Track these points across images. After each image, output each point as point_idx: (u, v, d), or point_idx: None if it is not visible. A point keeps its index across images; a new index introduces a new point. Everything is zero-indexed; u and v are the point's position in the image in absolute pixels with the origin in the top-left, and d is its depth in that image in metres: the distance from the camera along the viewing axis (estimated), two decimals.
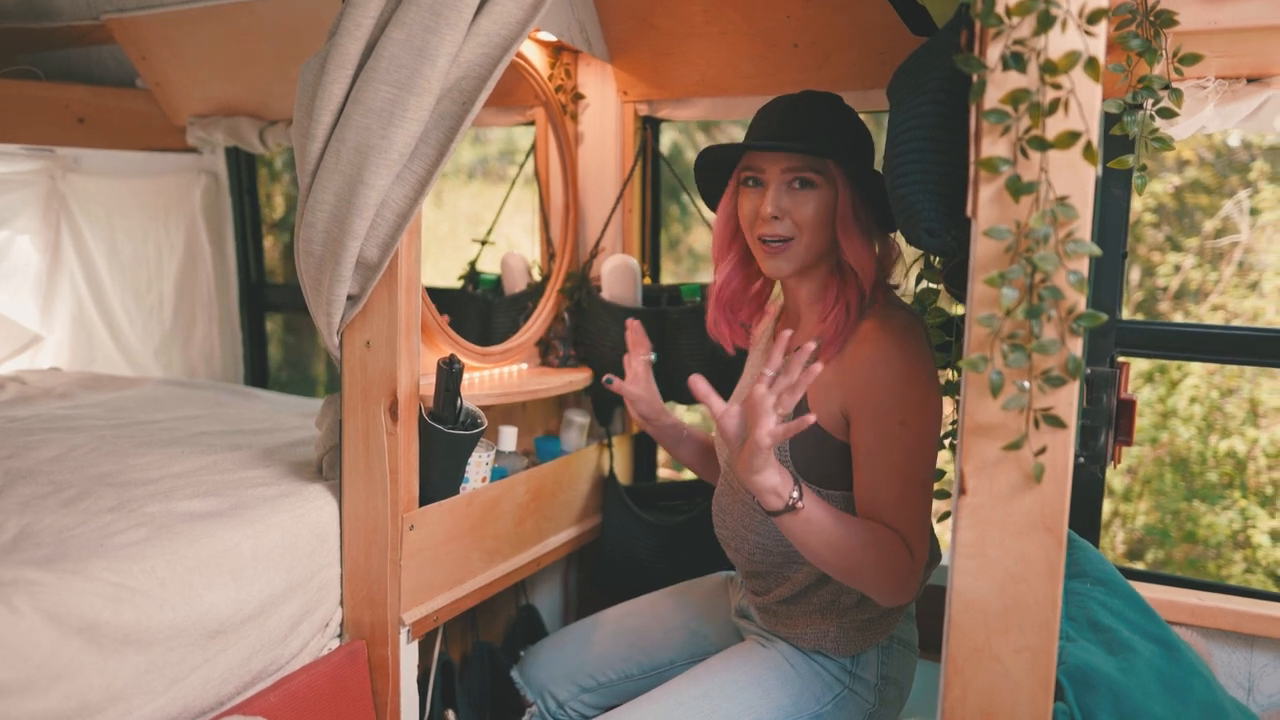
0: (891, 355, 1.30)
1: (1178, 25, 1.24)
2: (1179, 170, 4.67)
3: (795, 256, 1.38)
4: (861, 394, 1.31)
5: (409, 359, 1.41)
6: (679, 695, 1.41)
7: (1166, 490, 4.21)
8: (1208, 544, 4.13)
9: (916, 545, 1.30)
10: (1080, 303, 1.00)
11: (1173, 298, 4.76)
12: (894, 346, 1.30)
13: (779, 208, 1.36)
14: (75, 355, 2.87)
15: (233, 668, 1.26)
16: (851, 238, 1.35)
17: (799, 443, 1.37)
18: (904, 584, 1.28)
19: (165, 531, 1.26)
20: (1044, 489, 1.02)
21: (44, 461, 1.64)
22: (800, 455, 1.37)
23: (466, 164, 4.54)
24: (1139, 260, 4.84)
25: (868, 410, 1.30)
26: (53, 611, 1.05)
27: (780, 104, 1.41)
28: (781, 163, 1.36)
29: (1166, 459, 4.27)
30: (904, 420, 1.29)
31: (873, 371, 1.30)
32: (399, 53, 1.22)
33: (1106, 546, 4.39)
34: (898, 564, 1.26)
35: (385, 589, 1.43)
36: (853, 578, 1.28)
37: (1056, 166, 0.98)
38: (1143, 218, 4.72)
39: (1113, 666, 1.16)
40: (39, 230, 2.78)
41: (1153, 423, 4.25)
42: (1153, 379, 4.28)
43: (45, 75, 2.49)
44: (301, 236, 1.35)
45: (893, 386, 1.29)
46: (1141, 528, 4.32)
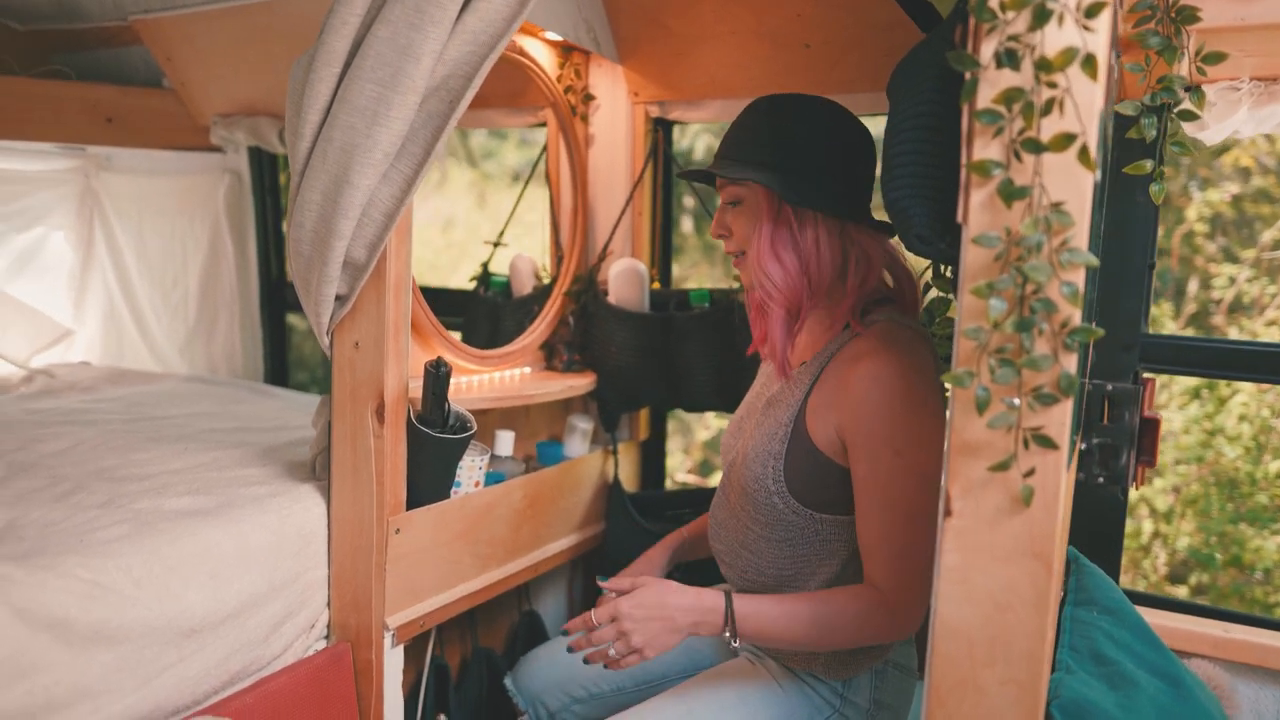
0: (884, 375, 1.23)
1: (1200, 22, 1.17)
2: (1243, 179, 4.49)
3: (749, 269, 1.37)
4: (853, 416, 1.25)
5: (397, 361, 1.39)
6: (663, 711, 1.37)
7: (1212, 512, 4.04)
8: (1254, 570, 3.95)
9: (903, 586, 1.23)
10: (1075, 316, 0.94)
11: (1226, 311, 4.58)
12: (888, 366, 1.24)
13: (722, 225, 1.40)
14: (105, 350, 2.93)
15: (209, 668, 1.25)
16: (764, 256, 1.32)
17: (794, 467, 1.32)
18: (889, 631, 1.25)
19: (147, 529, 1.26)
20: (1033, 513, 0.97)
21: (48, 455, 1.66)
22: (796, 480, 1.32)
23: (513, 165, 4.55)
24: (1197, 271, 4.66)
25: (860, 434, 1.25)
26: (21, 607, 1.05)
27: (738, 118, 1.41)
28: (718, 182, 1.40)
29: (1211, 479, 4.10)
30: (898, 449, 1.22)
31: (865, 393, 1.24)
32: (384, 50, 1.21)
33: (1148, 569, 4.23)
34: (871, 621, 1.23)
35: (370, 592, 1.42)
36: (842, 647, 1.28)
37: (1051, 170, 0.92)
38: (1194, 228, 4.55)
39: (1112, 702, 1.10)
40: (73, 226, 2.84)
41: (1199, 440, 4.09)
42: (1200, 395, 4.11)
43: (76, 75, 2.55)
44: (291, 236, 1.34)
45: (885, 410, 1.23)
46: (1185, 550, 4.15)
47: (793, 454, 1.32)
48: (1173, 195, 4.74)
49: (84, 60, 2.62)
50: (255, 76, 2.34)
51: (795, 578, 1.35)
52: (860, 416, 1.25)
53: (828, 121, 1.33)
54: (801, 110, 1.34)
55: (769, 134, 1.33)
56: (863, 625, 1.23)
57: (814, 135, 1.32)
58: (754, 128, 1.36)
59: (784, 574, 1.35)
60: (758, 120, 1.36)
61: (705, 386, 1.91)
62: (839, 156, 1.32)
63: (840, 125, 1.34)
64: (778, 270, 1.32)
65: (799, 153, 1.32)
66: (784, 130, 1.33)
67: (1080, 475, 1.69)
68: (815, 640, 1.25)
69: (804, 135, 1.32)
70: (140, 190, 2.77)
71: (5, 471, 1.54)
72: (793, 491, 1.32)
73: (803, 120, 1.33)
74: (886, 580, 1.23)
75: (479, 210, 5.08)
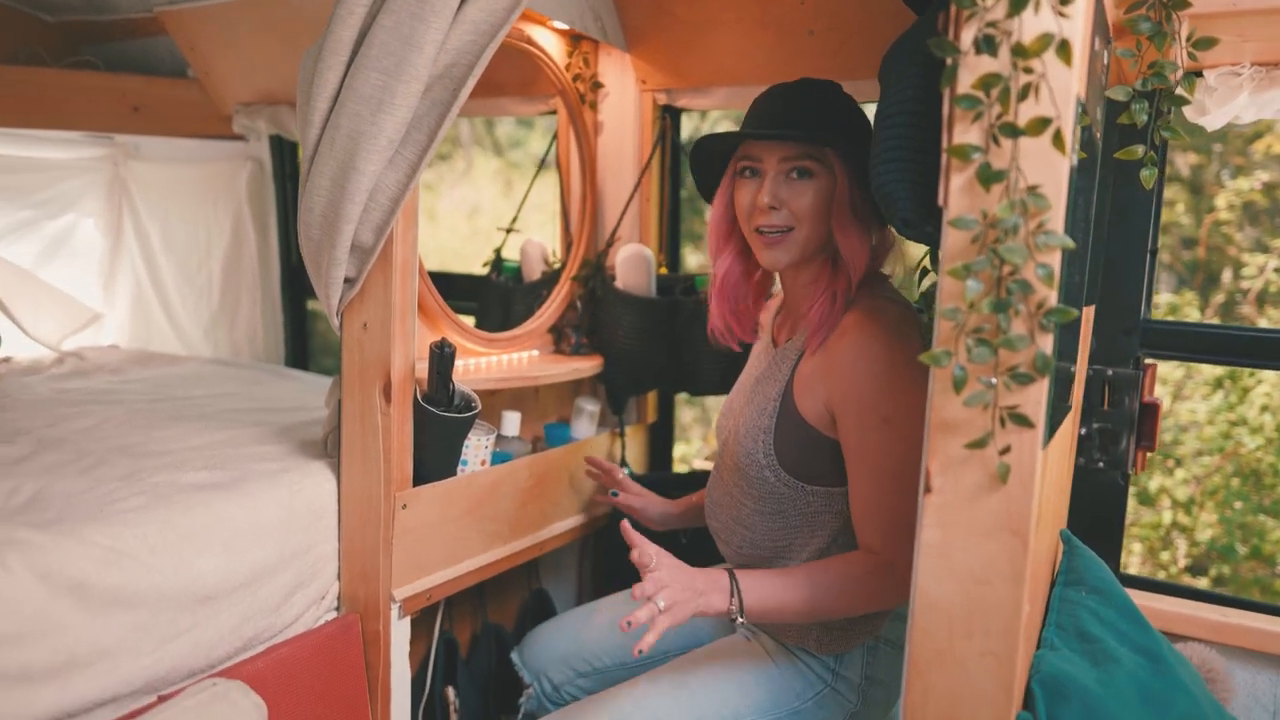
0: (873, 347, 1.26)
1: (1191, 7, 1.18)
2: (1277, 166, 4.42)
3: (794, 247, 1.36)
4: (843, 388, 1.28)
5: (403, 341, 1.43)
6: (658, 685, 1.41)
7: (1234, 503, 4.00)
8: (1275, 561, 3.91)
9: (900, 551, 1.26)
10: (1051, 297, 0.96)
11: (1254, 301, 4.51)
12: (877, 339, 1.26)
13: (776, 197, 1.34)
14: (134, 333, 3.01)
15: (223, 633, 1.31)
16: (847, 228, 1.32)
17: (784, 440, 1.35)
18: (892, 590, 1.26)
19: (163, 501, 1.32)
20: (1010, 490, 0.99)
21: (76, 431, 1.73)
22: (787, 452, 1.35)
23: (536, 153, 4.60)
24: (1230, 261, 4.59)
25: (850, 406, 1.28)
26: (44, 571, 1.11)
27: (777, 92, 1.39)
28: (778, 151, 1.34)
29: (1229, 469, 4.06)
30: (887, 417, 1.25)
31: (853, 364, 1.27)
32: (388, 40, 1.25)
33: (1168, 561, 4.19)
34: (870, 581, 1.26)
35: (378, 565, 1.47)
36: (845, 613, 1.29)
37: (1028, 154, 0.94)
38: (1225, 216, 4.49)
39: (1091, 678, 1.12)
40: (102, 213, 2.92)
41: (1222, 431, 4.05)
42: (1222, 385, 4.06)
43: (104, 66, 2.62)
44: (301, 220, 1.39)
45: (874, 381, 1.25)
46: (1206, 542, 4.11)
47: (782, 428, 1.35)
48: (1205, 184, 4.68)
49: (112, 51, 2.69)
50: (275, 66, 2.40)
51: (788, 549, 1.38)
52: (848, 388, 1.27)
53: (841, 97, 1.39)
54: (847, 96, 1.39)
55: (839, 112, 1.36)
56: (862, 586, 1.25)
57: (862, 120, 1.37)
58: (819, 103, 1.36)
59: (778, 545, 1.39)
60: (821, 96, 1.37)
61: (709, 370, 1.94)
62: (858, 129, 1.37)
63: (849, 101, 1.39)
64: (860, 242, 1.31)
65: (862, 133, 1.35)
66: (851, 109, 1.37)
67: (1080, 460, 1.71)
68: (818, 607, 1.25)
69: (860, 118, 1.37)
70: (166, 177, 2.85)
71: (35, 447, 1.61)
72: (783, 464, 1.35)
73: (854, 103, 1.39)
74: (883, 543, 1.26)
75: (505, 198, 5.14)
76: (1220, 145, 4.62)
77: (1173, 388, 4.33)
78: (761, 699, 1.37)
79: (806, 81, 1.38)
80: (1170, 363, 4.34)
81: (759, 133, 1.36)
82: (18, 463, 1.51)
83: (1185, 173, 4.74)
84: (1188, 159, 4.69)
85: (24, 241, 2.77)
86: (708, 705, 1.36)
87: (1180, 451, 4.27)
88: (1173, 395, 4.26)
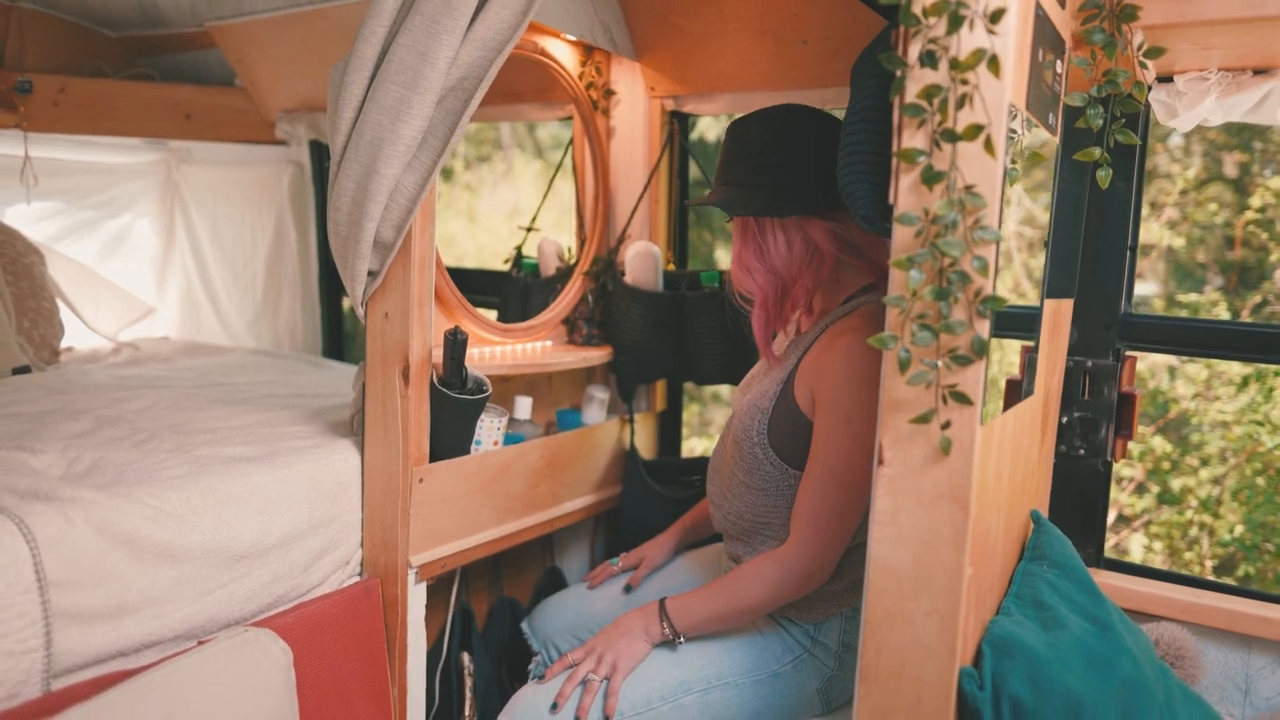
0: (855, 351, 1.36)
1: (1139, 20, 1.26)
2: None
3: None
4: (821, 382, 1.40)
5: (420, 329, 1.57)
6: (654, 653, 1.52)
7: (1259, 502, 3.98)
8: None
9: (809, 541, 1.39)
10: (986, 286, 1.06)
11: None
12: (861, 343, 1.36)
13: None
14: (184, 326, 3.22)
15: (255, 590, 1.46)
16: (735, 271, 1.54)
17: (777, 422, 1.47)
18: (792, 587, 1.42)
19: (205, 470, 1.47)
20: (952, 462, 1.09)
21: (131, 411, 1.90)
22: (776, 434, 1.47)
23: None
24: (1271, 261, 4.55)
25: (821, 399, 1.39)
26: (101, 525, 1.27)
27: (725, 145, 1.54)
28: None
29: (1247, 468, 4.04)
30: (849, 416, 1.36)
31: (834, 363, 1.38)
32: (405, 56, 1.38)
33: (1192, 560, 4.18)
34: (774, 581, 1.41)
35: (396, 534, 1.61)
36: (758, 607, 1.45)
37: (965, 157, 1.05)
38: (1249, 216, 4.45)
39: (1041, 641, 1.21)
40: (156, 214, 3.13)
41: (1248, 431, 4.03)
42: (1247, 385, 4.05)
43: (159, 77, 2.82)
44: (330, 219, 1.54)
45: (846, 381, 1.36)
46: (1233, 541, 4.10)
47: (778, 410, 1.47)
48: (1247, 183, 4.64)
49: (166, 63, 2.89)
50: (315, 76, 2.57)
51: (768, 525, 1.49)
52: (826, 384, 1.39)
53: (768, 127, 1.47)
54: (749, 124, 1.49)
55: (729, 155, 1.50)
56: (767, 585, 1.42)
57: (755, 144, 1.47)
58: (723, 153, 1.52)
59: (758, 521, 1.50)
60: (725, 145, 1.53)
61: (713, 361, 2.06)
62: (778, 157, 1.45)
63: (781, 125, 1.46)
64: (747, 281, 1.50)
65: (748, 165, 1.47)
66: (734, 149, 1.50)
67: (1061, 447, 1.79)
68: (737, 605, 1.44)
69: (750, 147, 1.48)
70: (215, 180, 3.04)
71: (94, 424, 1.78)
72: (772, 444, 1.46)
73: (747, 132, 1.48)
74: (802, 531, 1.39)
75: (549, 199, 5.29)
76: (1261, 143, 4.58)
77: (1200, 387, 4.32)
78: (744, 661, 1.48)
79: (738, 125, 1.50)
80: (1195, 365, 4.33)
81: (697, 202, 1.59)
82: (79, 437, 1.67)
83: (1232, 172, 4.70)
84: (1234, 158, 4.65)
85: (85, 240, 2.99)
86: (694, 665, 1.48)
87: (1206, 451, 4.26)
88: (1196, 394, 4.24)
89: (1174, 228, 4.59)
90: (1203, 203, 4.62)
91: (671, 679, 1.47)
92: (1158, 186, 4.61)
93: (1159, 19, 1.30)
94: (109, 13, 2.72)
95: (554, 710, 1.43)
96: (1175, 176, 4.61)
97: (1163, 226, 4.59)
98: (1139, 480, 4.30)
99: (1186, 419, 4.31)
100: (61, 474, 1.47)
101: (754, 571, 1.44)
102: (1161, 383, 4.43)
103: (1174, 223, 4.61)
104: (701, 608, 1.46)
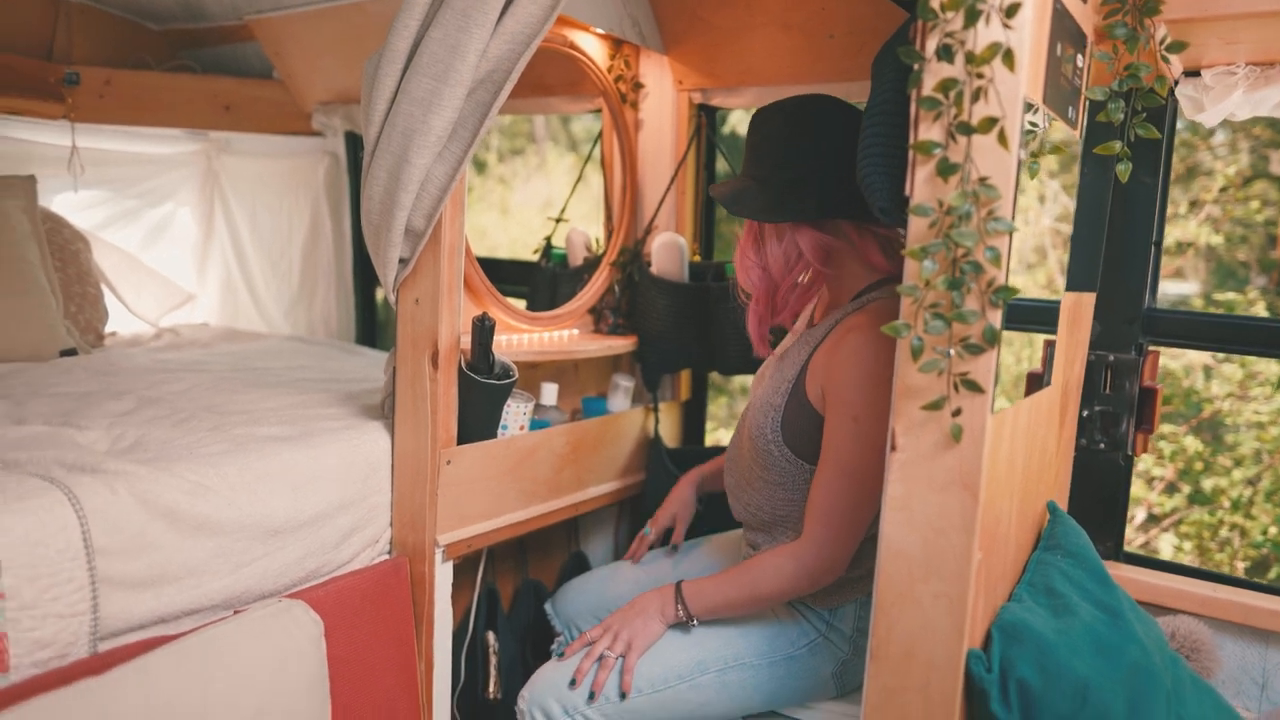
0: (863, 349, 1.38)
1: (1161, 14, 1.27)
2: None
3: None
4: (831, 382, 1.42)
5: (449, 315, 1.62)
6: (672, 634, 1.56)
7: None
8: None
9: (823, 541, 1.41)
10: (999, 276, 1.08)
11: None
12: (869, 342, 1.37)
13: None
14: (222, 313, 3.31)
15: (289, 564, 1.51)
16: (737, 268, 1.58)
17: (790, 418, 1.49)
18: (806, 582, 1.43)
19: (241, 448, 1.53)
20: (963, 449, 1.12)
21: (172, 393, 1.97)
22: (790, 430, 1.49)
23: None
24: None
25: (831, 397, 1.41)
26: (144, 497, 1.33)
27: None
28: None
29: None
30: (857, 416, 1.37)
31: (843, 361, 1.40)
32: (437, 50, 1.42)
33: (1223, 561, 4.14)
34: (788, 574, 1.43)
35: (424, 514, 1.66)
36: (770, 598, 1.47)
37: (980, 150, 1.07)
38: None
39: (1051, 627, 1.23)
40: (196, 203, 3.22)
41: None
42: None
43: (200, 69, 2.90)
44: (364, 207, 1.59)
45: (855, 380, 1.37)
46: (1265, 543, 4.04)
47: (790, 407, 1.49)
48: None
49: (207, 56, 2.97)
50: (350, 68, 2.63)
51: (787, 519, 1.52)
52: (835, 383, 1.41)
53: (781, 123, 1.49)
54: (763, 119, 1.51)
55: (746, 149, 1.54)
56: (783, 570, 1.43)
57: (767, 142, 1.49)
58: (749, 169, 1.55)
59: (777, 514, 1.53)
60: (746, 139, 1.55)
61: (737, 352, 2.08)
62: (781, 160, 1.47)
63: (780, 128, 1.48)
64: (743, 275, 1.55)
65: (758, 163, 1.50)
66: (750, 143, 1.52)
67: (1082, 440, 1.80)
68: (750, 594, 1.46)
69: (759, 146, 1.50)
70: (253, 171, 3.12)
71: (137, 404, 1.85)
72: (786, 440, 1.49)
73: (756, 133, 1.51)
74: (815, 529, 1.41)
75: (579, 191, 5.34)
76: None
77: (1235, 387, 4.26)
78: (760, 644, 1.52)
79: (754, 128, 1.53)
80: (1231, 364, 4.27)
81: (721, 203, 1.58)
82: (123, 416, 1.74)
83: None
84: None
85: (129, 228, 3.08)
86: (711, 646, 1.51)
87: (1240, 452, 4.20)
88: (1229, 394, 4.19)
89: (1213, 224, 4.52)
90: (1245, 200, 4.55)
91: (689, 659, 1.50)
92: (1200, 184, 4.54)
93: (1182, 13, 1.31)
94: (153, 6, 2.80)
95: (572, 686, 1.47)
96: (1216, 173, 4.54)
97: (1200, 224, 4.52)
98: (1169, 480, 4.25)
99: (1221, 419, 4.25)
100: (107, 449, 1.54)
101: (769, 564, 1.46)
102: (1196, 382, 4.37)
103: (1214, 220, 4.54)
104: (716, 594, 1.49)
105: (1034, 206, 1.43)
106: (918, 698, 1.17)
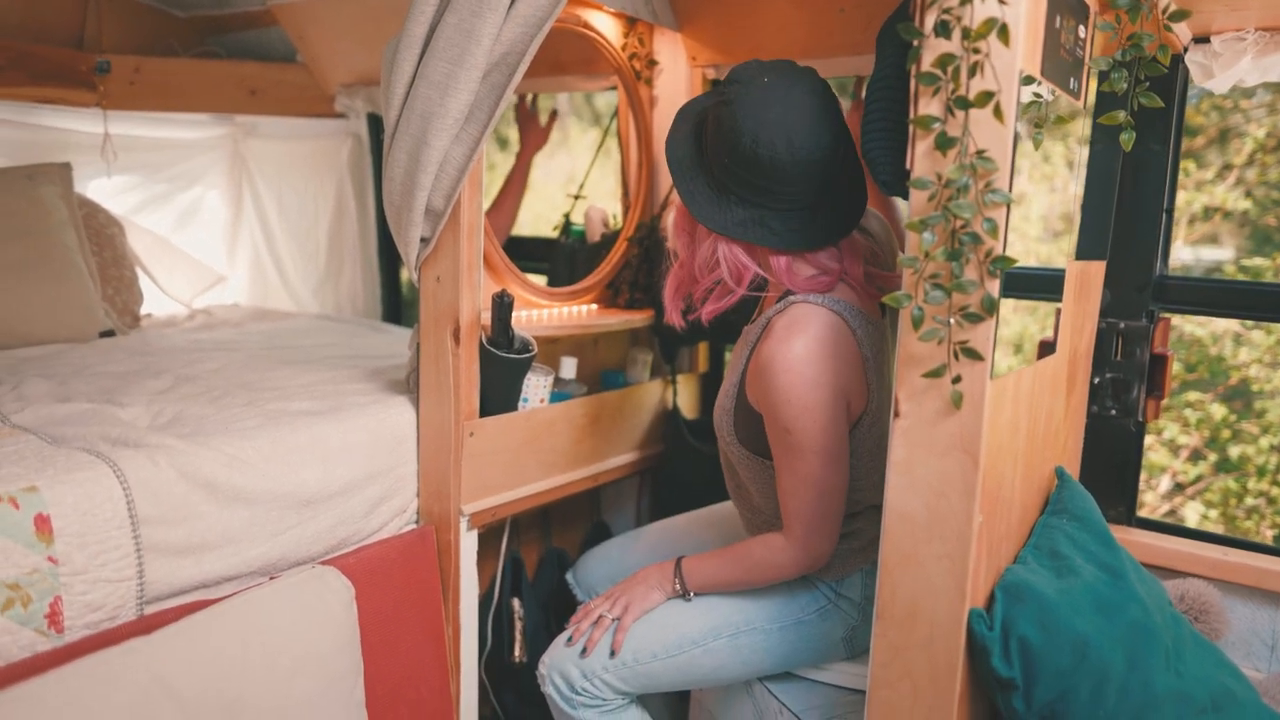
0: (777, 359, 1.37)
1: None
2: None
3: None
4: (757, 396, 1.43)
5: (470, 292, 1.67)
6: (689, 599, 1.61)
7: None
8: None
9: (807, 531, 1.44)
10: (997, 247, 1.11)
11: None
12: (782, 352, 1.37)
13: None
14: (252, 293, 3.39)
15: (320, 532, 1.59)
16: (681, 228, 1.56)
17: (741, 420, 1.52)
18: (798, 565, 1.47)
19: (273, 422, 1.60)
20: (963, 415, 1.15)
21: (206, 371, 2.05)
22: (743, 431, 1.52)
23: None
24: None
25: (763, 411, 1.43)
26: (184, 470, 1.40)
27: None
28: None
29: None
30: (787, 427, 1.38)
31: (762, 374, 1.39)
32: (452, 34, 1.46)
33: (1250, 529, 4.12)
34: (780, 557, 1.47)
35: (449, 484, 1.72)
36: (764, 579, 1.52)
37: (977, 123, 1.10)
38: None
39: (1054, 588, 1.27)
40: (225, 186, 3.29)
41: None
42: None
43: (225, 54, 2.96)
44: (385, 188, 1.64)
45: (778, 394, 1.37)
46: None
47: (740, 409, 1.52)
48: None
49: (232, 41, 3.03)
50: (371, 50, 2.67)
51: (763, 509, 1.58)
52: (762, 397, 1.42)
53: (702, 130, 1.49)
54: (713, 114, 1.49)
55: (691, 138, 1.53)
56: (773, 560, 1.48)
57: (704, 143, 1.48)
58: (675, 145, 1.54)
59: (754, 504, 1.59)
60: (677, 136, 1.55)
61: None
62: (722, 165, 1.43)
63: (705, 137, 1.47)
64: (673, 241, 1.58)
65: (703, 155, 1.49)
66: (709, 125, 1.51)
67: (1093, 407, 1.82)
68: (744, 578, 1.52)
69: (704, 143, 1.49)
70: (279, 153, 3.18)
71: (174, 381, 1.93)
72: (742, 441, 1.53)
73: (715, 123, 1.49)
74: (790, 530, 1.45)
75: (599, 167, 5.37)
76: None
77: (1264, 353, 4.22)
78: (771, 609, 1.56)
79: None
80: (1259, 331, 4.22)
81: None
82: (162, 393, 1.82)
83: None
84: None
85: (160, 212, 3.17)
86: (724, 612, 1.56)
87: (1268, 419, 4.17)
88: (1256, 360, 4.14)
89: (1244, 188, 4.44)
90: (1278, 164, 4.46)
91: (703, 625, 1.56)
92: (1234, 147, 4.46)
93: None
94: None
95: (569, 643, 1.57)
96: (1247, 137, 4.45)
97: (1230, 188, 4.45)
98: (1195, 447, 4.23)
99: (1248, 386, 4.22)
100: (147, 425, 1.62)
101: (761, 550, 1.50)
102: (1224, 349, 4.33)
103: (1245, 184, 4.46)
104: (711, 572, 1.55)
105: (1061, 173, 1.44)
106: (922, 655, 1.22)
